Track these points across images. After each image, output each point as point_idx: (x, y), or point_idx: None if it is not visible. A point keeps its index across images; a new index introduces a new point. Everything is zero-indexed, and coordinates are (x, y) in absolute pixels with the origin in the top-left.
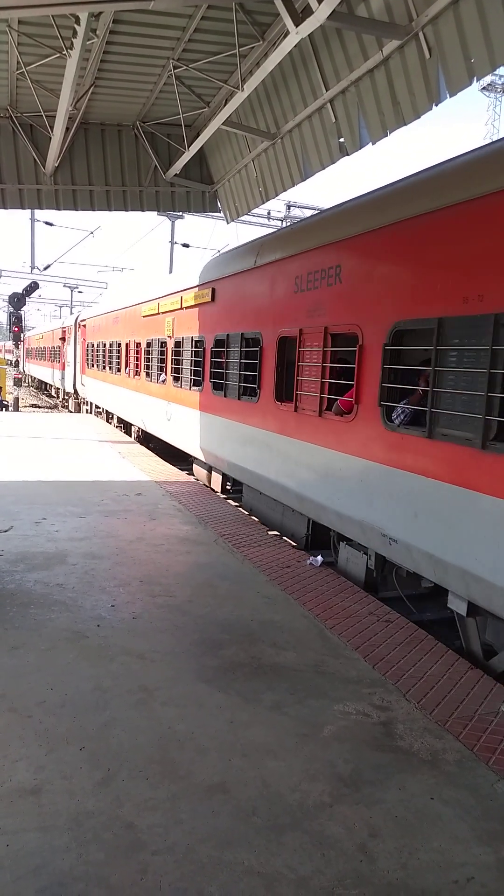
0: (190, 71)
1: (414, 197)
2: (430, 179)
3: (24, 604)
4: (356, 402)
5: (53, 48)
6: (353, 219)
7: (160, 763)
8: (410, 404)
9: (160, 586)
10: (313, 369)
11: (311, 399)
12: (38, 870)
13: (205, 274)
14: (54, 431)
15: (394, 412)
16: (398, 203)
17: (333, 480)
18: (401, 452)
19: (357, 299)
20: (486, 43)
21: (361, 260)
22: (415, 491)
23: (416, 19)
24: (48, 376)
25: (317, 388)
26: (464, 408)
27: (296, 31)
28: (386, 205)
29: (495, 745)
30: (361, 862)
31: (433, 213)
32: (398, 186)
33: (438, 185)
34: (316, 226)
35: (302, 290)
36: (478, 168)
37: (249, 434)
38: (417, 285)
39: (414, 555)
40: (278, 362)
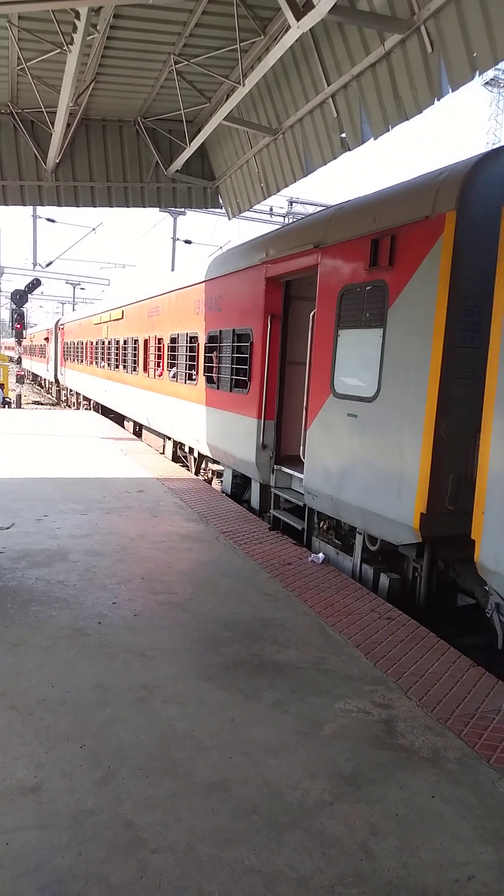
0: (191, 66)
1: (221, 264)
2: (231, 256)
3: (25, 601)
4: (197, 374)
5: (54, 43)
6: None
7: (160, 761)
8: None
9: (161, 583)
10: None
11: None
12: (37, 868)
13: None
14: (56, 428)
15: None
16: (216, 266)
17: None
18: (209, 397)
19: (208, 317)
20: (489, 37)
21: (205, 296)
22: (214, 416)
23: (418, 13)
24: (41, 370)
25: (197, 370)
26: (228, 373)
27: (297, 25)
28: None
29: (497, 742)
30: (362, 860)
31: (223, 277)
32: (219, 259)
33: (227, 264)
34: (211, 267)
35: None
36: (242, 254)
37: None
38: (221, 313)
39: (220, 452)
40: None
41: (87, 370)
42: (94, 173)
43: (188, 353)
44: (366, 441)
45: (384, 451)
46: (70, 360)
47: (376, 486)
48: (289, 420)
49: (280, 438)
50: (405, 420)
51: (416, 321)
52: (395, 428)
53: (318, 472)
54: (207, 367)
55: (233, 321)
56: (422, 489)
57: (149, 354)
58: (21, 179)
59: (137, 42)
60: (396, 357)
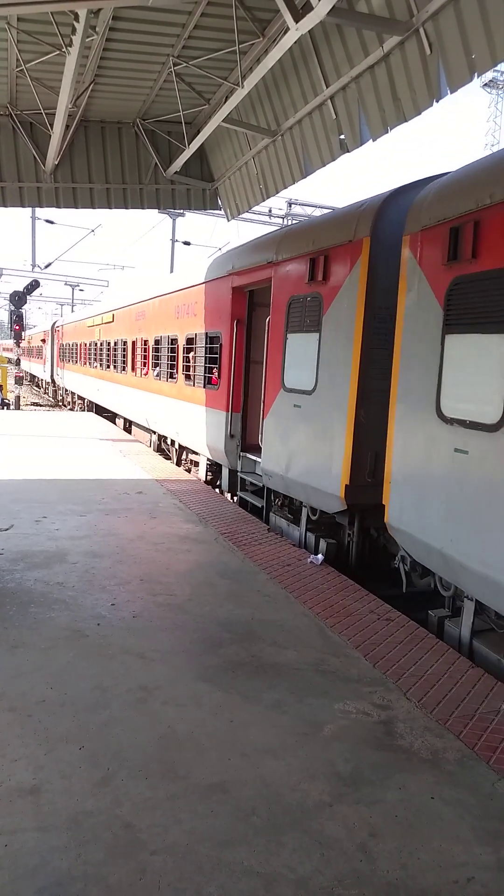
0: (190, 68)
1: (197, 274)
2: (204, 267)
3: (24, 602)
4: (177, 372)
5: (53, 45)
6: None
7: (159, 762)
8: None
9: (160, 585)
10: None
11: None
12: (36, 869)
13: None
14: (55, 430)
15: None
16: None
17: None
18: (186, 393)
19: (186, 321)
20: (487, 38)
21: (183, 302)
22: (190, 410)
23: (417, 15)
24: (39, 371)
25: (177, 369)
26: (202, 371)
27: (296, 27)
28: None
29: (496, 744)
30: (361, 862)
31: (197, 286)
32: (195, 269)
33: (200, 274)
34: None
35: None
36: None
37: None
38: (196, 318)
39: (196, 442)
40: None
41: (81, 370)
42: (93, 175)
43: (169, 354)
44: (307, 427)
45: (319, 435)
46: (65, 361)
47: (314, 465)
48: (253, 413)
49: (245, 429)
50: (334, 409)
51: (342, 327)
52: (328, 415)
53: (272, 455)
54: (185, 367)
55: (205, 325)
56: (346, 465)
57: (136, 355)
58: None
59: (136, 44)
60: (328, 357)
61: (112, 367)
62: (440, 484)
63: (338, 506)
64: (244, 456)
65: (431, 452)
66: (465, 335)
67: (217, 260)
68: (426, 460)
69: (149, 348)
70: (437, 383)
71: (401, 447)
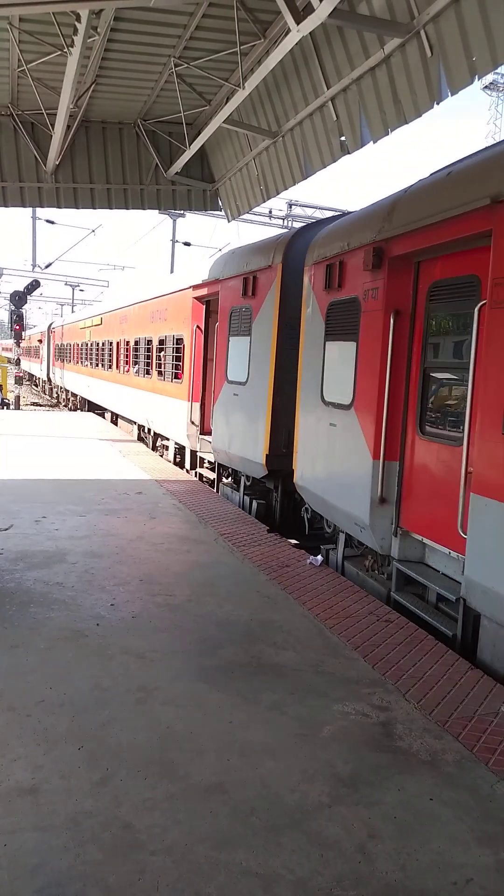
0: (191, 69)
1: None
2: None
3: (23, 602)
4: (151, 369)
5: (54, 46)
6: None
7: (159, 763)
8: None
9: (160, 585)
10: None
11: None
12: (35, 870)
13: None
14: (55, 430)
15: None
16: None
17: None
18: (158, 387)
19: (158, 325)
20: (488, 41)
21: (156, 309)
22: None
23: (418, 17)
24: (36, 370)
25: (151, 365)
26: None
27: (297, 28)
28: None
29: (495, 745)
30: (360, 863)
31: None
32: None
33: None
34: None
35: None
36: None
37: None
38: (166, 322)
39: (165, 428)
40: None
41: (74, 369)
42: (94, 175)
43: (145, 353)
44: (242, 411)
45: (249, 416)
46: (59, 360)
47: (246, 440)
48: (210, 402)
49: (203, 416)
50: (259, 396)
51: (265, 333)
52: (255, 402)
53: (219, 435)
54: (157, 364)
55: (173, 329)
56: (266, 439)
57: (119, 354)
58: (21, 181)
59: (138, 45)
60: (256, 355)
61: (100, 365)
62: (322, 449)
63: (261, 472)
64: (202, 439)
65: (318, 427)
66: (335, 342)
67: (180, 274)
68: (315, 433)
69: (129, 348)
70: (321, 377)
71: (302, 425)
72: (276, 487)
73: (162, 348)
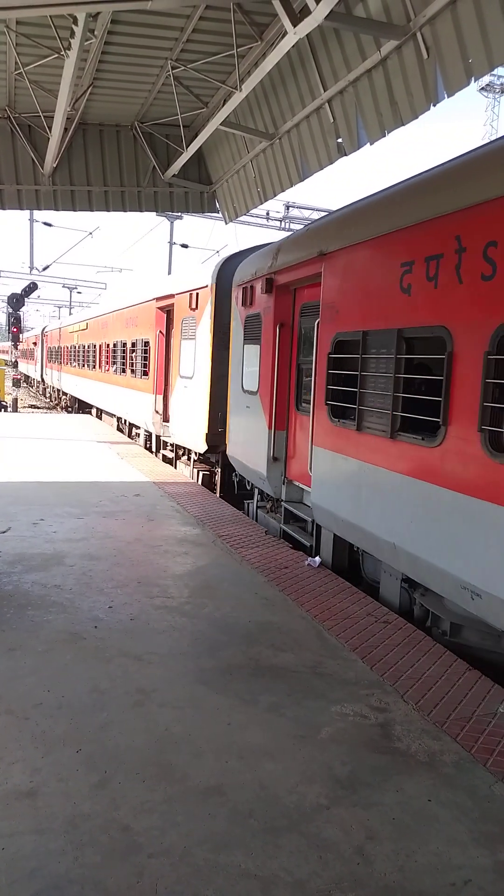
0: (188, 71)
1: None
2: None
3: (21, 605)
4: (126, 368)
5: (51, 49)
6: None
7: (157, 765)
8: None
9: (158, 587)
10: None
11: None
12: (33, 873)
13: (103, 309)
14: (53, 432)
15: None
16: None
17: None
18: (130, 383)
19: (131, 330)
20: (484, 43)
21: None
22: (132, 395)
23: (414, 19)
24: (31, 371)
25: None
26: (140, 366)
27: (294, 31)
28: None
29: (493, 746)
30: (358, 864)
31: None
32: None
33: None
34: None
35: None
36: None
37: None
38: (137, 328)
39: (136, 418)
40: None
41: (64, 369)
42: (92, 178)
43: (121, 354)
44: (189, 399)
45: (194, 403)
46: (51, 362)
47: (192, 423)
48: (170, 394)
49: (166, 406)
50: (200, 387)
51: (204, 337)
52: (198, 391)
53: (174, 420)
54: (130, 363)
55: (142, 333)
56: (205, 421)
57: (101, 355)
58: (18, 184)
59: (135, 47)
60: (198, 355)
61: (86, 365)
62: (241, 425)
63: (203, 447)
64: (165, 425)
65: (239, 409)
66: (249, 345)
67: (148, 288)
68: (237, 414)
69: (109, 350)
70: (241, 371)
71: (230, 408)
72: (218, 461)
73: (133, 350)
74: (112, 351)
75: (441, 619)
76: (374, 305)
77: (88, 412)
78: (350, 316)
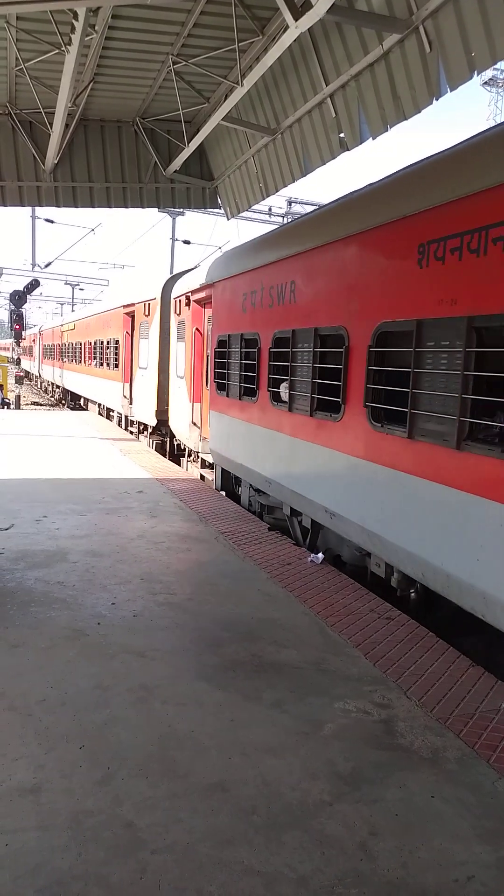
0: (189, 66)
1: (108, 304)
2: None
3: (24, 602)
4: (102, 361)
5: (52, 44)
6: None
7: (160, 761)
8: None
9: (161, 584)
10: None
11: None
12: (37, 869)
13: (88, 312)
14: (55, 429)
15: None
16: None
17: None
18: (105, 374)
19: (106, 330)
20: (487, 37)
21: (106, 319)
22: (107, 384)
23: (417, 13)
24: (29, 366)
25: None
26: (112, 360)
27: (295, 25)
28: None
29: (496, 742)
30: (362, 861)
31: (110, 311)
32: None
33: (110, 303)
34: (106, 304)
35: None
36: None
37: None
38: (111, 329)
39: (111, 403)
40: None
41: (56, 365)
42: (93, 174)
43: (100, 351)
44: (145, 385)
45: (148, 388)
46: (46, 358)
47: (146, 403)
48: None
49: (131, 391)
50: (152, 375)
51: (154, 336)
52: (150, 379)
53: (135, 402)
54: (106, 358)
55: (114, 334)
56: (155, 400)
57: (85, 352)
58: (20, 180)
59: (135, 42)
60: (151, 351)
61: (74, 360)
62: (176, 403)
63: (154, 421)
64: (130, 407)
65: (175, 390)
66: (179, 343)
67: (118, 297)
68: (174, 394)
69: (91, 347)
70: (176, 362)
71: (170, 391)
72: (167, 433)
73: (108, 347)
74: (93, 348)
75: (266, 507)
76: (232, 318)
77: (79, 403)
78: (224, 324)
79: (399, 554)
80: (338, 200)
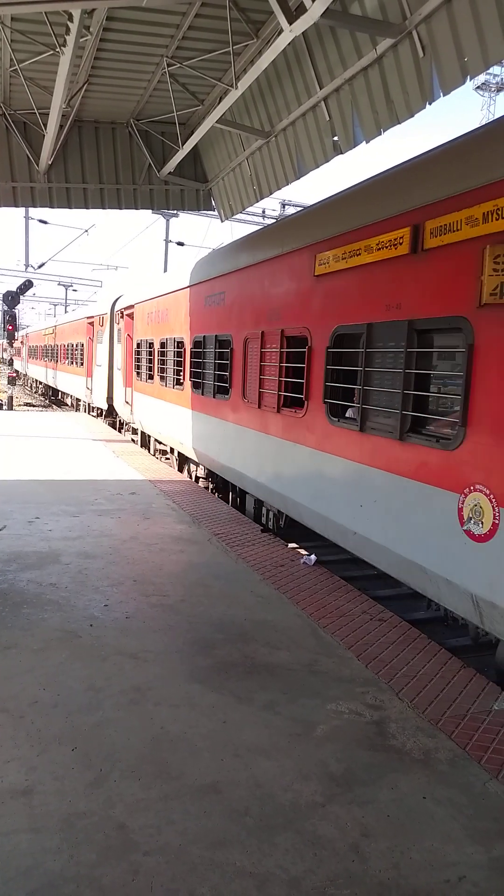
0: (184, 69)
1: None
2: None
3: (16, 603)
4: (82, 361)
5: (47, 45)
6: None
7: (152, 763)
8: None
9: (153, 586)
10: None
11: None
12: (29, 871)
13: (64, 319)
14: (48, 430)
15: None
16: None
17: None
18: (87, 372)
19: (78, 335)
20: (480, 42)
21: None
22: (87, 381)
23: (410, 18)
24: (18, 366)
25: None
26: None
27: (289, 28)
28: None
29: (488, 743)
30: (353, 862)
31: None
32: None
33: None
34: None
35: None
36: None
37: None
38: (78, 334)
39: (92, 398)
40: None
41: (39, 363)
42: (87, 175)
43: (71, 351)
44: (99, 378)
45: (100, 381)
46: (31, 358)
47: (99, 391)
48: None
49: (92, 384)
50: (104, 370)
51: (106, 341)
52: (102, 373)
53: (93, 392)
54: (74, 358)
55: (81, 338)
56: (105, 389)
57: (63, 352)
58: (13, 181)
59: (130, 44)
60: (103, 352)
61: (53, 360)
62: (116, 389)
63: (105, 405)
64: (90, 396)
65: (116, 379)
66: (118, 345)
67: (81, 312)
68: (116, 382)
69: (65, 349)
70: (117, 360)
71: (114, 380)
72: (116, 416)
73: (76, 349)
74: (67, 349)
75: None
76: (137, 328)
77: (58, 398)
78: (140, 332)
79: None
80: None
